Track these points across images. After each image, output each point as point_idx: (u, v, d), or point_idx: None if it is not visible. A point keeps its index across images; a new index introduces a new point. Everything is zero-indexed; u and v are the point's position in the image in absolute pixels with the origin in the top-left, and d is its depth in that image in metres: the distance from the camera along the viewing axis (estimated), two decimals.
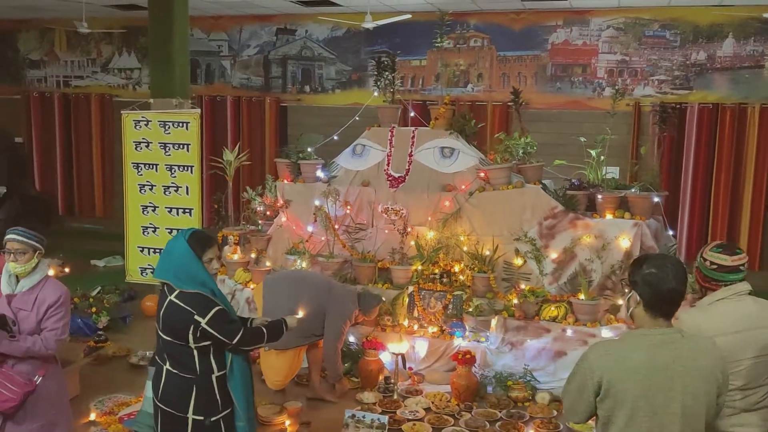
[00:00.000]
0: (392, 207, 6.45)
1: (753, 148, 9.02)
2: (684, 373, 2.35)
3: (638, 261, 2.50)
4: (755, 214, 9.06)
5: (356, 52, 10.77)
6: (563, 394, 2.62)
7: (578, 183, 6.12)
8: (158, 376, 3.29)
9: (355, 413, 4.78)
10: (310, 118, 10.93)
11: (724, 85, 9.21)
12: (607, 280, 5.85)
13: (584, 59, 9.77)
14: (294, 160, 6.91)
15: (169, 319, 3.23)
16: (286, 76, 11.12)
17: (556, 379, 5.55)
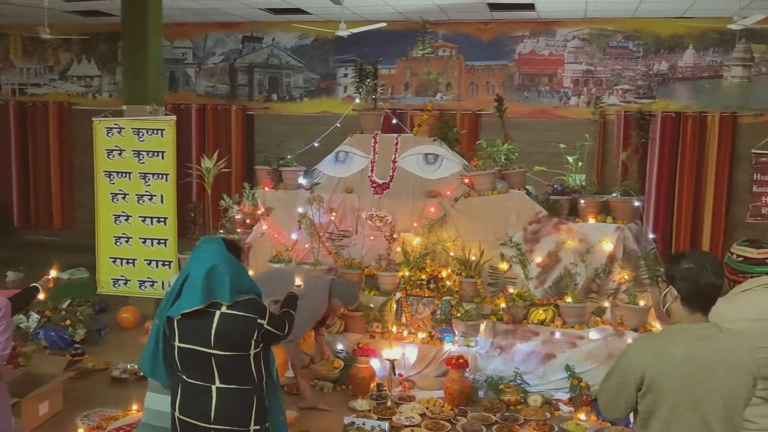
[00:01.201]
0: (377, 213, 6.45)
1: (714, 155, 9.35)
2: (723, 366, 2.41)
3: (675, 257, 2.56)
4: (716, 217, 9.38)
5: (324, 61, 10.76)
6: (599, 391, 2.65)
7: (561, 188, 6.23)
8: (204, 398, 3.07)
9: (354, 420, 4.74)
10: (277, 127, 10.86)
11: (686, 95, 9.54)
12: (591, 283, 5.96)
13: (551, 69, 9.98)
14: (275, 167, 6.83)
15: (227, 332, 3.05)
16: (253, 84, 11.03)
17: (545, 381, 5.62)
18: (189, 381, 3.09)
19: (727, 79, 9.40)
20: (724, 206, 9.38)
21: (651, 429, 2.45)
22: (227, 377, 3.07)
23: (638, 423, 2.52)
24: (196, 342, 3.04)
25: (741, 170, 9.33)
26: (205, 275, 3.03)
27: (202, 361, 3.06)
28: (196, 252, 3.16)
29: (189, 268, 3.12)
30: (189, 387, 3.08)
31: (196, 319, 3.04)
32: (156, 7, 7.27)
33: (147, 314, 7.11)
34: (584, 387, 5.47)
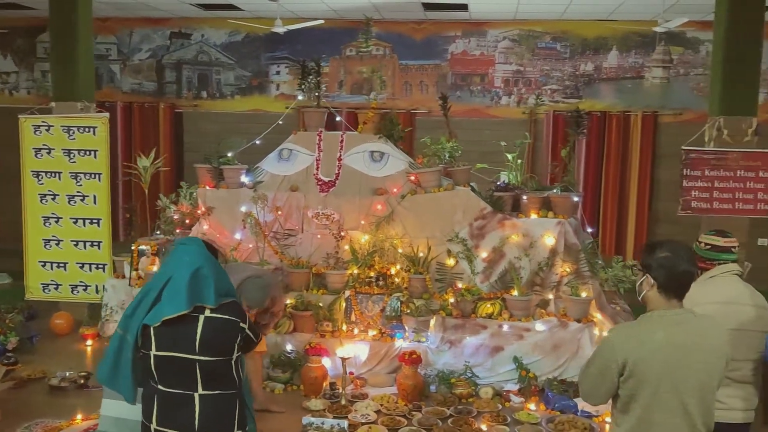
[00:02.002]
0: (323, 212, 6.41)
1: (637, 152, 9.78)
2: (699, 349, 2.53)
3: (650, 246, 2.68)
4: (640, 212, 9.83)
5: (256, 58, 10.61)
6: (581, 378, 2.73)
7: (504, 185, 6.37)
8: (186, 407, 2.95)
9: (313, 420, 4.70)
10: (207, 125, 10.64)
11: (610, 95, 9.94)
12: (535, 276, 6.12)
13: (482, 69, 10.18)
14: (216, 165, 6.68)
15: (212, 337, 2.95)
16: (182, 81, 10.75)
17: (494, 373, 5.74)
18: (168, 390, 2.96)
19: (648, 79, 9.86)
20: (647, 201, 9.84)
21: (632, 412, 2.55)
22: (211, 383, 2.97)
23: (618, 407, 2.61)
24: (178, 349, 2.92)
25: (662, 167, 9.82)
26: (190, 278, 2.93)
27: (184, 368, 2.95)
28: (178, 254, 3.05)
29: (170, 271, 3.00)
30: (168, 397, 2.96)
31: (178, 325, 2.92)
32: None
33: (81, 320, 6.81)
34: (532, 378, 5.62)
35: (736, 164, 6.07)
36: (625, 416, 2.58)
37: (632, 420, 2.54)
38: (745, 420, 3.44)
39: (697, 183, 6.14)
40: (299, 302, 5.99)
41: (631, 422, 2.54)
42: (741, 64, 6.07)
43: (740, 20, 6.03)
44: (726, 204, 6.13)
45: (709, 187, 6.13)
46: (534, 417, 5.17)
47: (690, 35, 9.62)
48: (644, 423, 2.52)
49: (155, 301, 2.95)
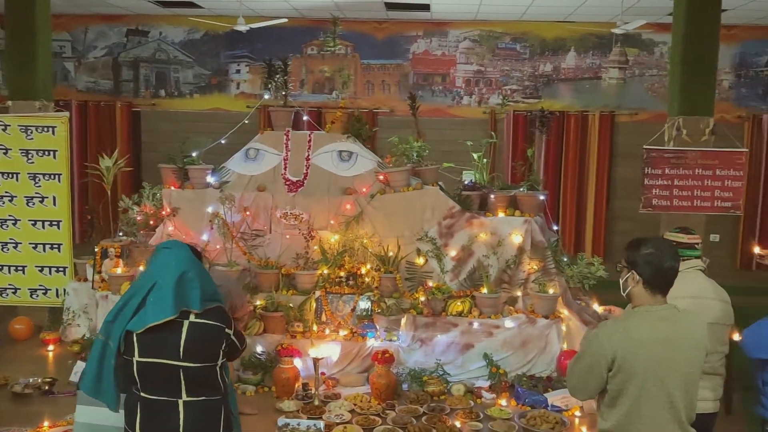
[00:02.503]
0: (292, 212, 6.37)
1: (595, 151, 10.01)
2: (682, 344, 2.62)
3: (635, 243, 2.75)
4: (598, 210, 10.06)
5: (216, 56, 10.48)
6: (569, 374, 2.79)
7: (472, 184, 6.44)
8: (170, 415, 2.91)
9: (288, 422, 4.68)
10: (166, 124, 10.48)
11: (568, 95, 10.14)
12: (503, 273, 6.20)
13: (443, 69, 10.27)
14: (181, 165, 6.57)
15: (197, 343, 2.91)
16: (139, 79, 10.55)
17: (465, 371, 5.80)
18: (151, 398, 2.91)
19: (605, 80, 10.09)
20: (605, 199, 10.07)
21: (620, 406, 2.62)
22: (195, 390, 2.94)
23: (606, 402, 2.68)
24: (162, 355, 2.87)
25: (619, 166, 10.06)
26: (176, 282, 2.89)
27: (168, 375, 2.90)
28: (162, 258, 2.99)
29: (155, 276, 2.94)
30: (151, 404, 2.91)
31: (162, 331, 2.87)
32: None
33: (41, 325, 6.64)
34: (502, 374, 5.70)
35: (694, 163, 6.27)
36: (613, 410, 2.64)
37: (620, 413, 2.61)
38: (714, 410, 3.57)
39: (657, 181, 6.31)
40: (269, 303, 5.94)
41: (619, 415, 2.61)
42: (699, 66, 6.26)
43: (698, 23, 6.22)
44: (685, 201, 6.33)
45: (669, 185, 6.31)
46: (506, 413, 5.24)
47: (645, 37, 9.88)
48: (632, 416, 2.59)
49: (139, 307, 2.89)
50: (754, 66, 9.86)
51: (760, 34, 9.73)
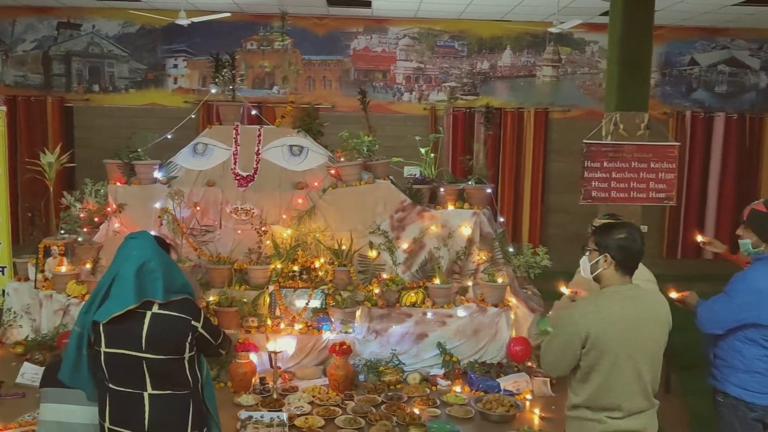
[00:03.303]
0: (242, 207, 6.35)
1: (530, 147, 10.33)
2: (648, 321, 2.81)
3: (607, 228, 2.91)
4: (534, 202, 10.39)
5: (152, 51, 10.26)
6: (543, 353, 2.93)
7: (422, 178, 6.57)
8: (136, 407, 2.88)
9: (252, 414, 4.69)
10: (100, 120, 10.20)
11: (505, 92, 10.42)
12: (453, 265, 6.37)
13: (384, 66, 10.38)
14: (127, 161, 6.44)
15: (160, 334, 2.86)
16: (71, 74, 10.21)
17: (420, 360, 5.94)
18: (117, 389, 2.87)
19: (539, 78, 10.42)
20: (540, 193, 10.41)
21: (592, 381, 2.78)
22: (160, 383, 2.90)
23: (578, 377, 2.84)
24: (125, 346, 2.84)
25: (553, 161, 10.42)
26: (136, 272, 2.86)
27: (132, 366, 2.87)
28: (126, 249, 2.96)
29: (117, 266, 2.91)
30: (118, 396, 2.88)
31: (125, 321, 2.85)
32: None
33: None
34: (456, 361, 5.86)
35: (630, 156, 6.55)
36: (585, 385, 2.80)
37: (592, 387, 2.77)
38: None
39: (596, 174, 6.55)
40: (222, 299, 5.91)
41: (591, 389, 2.78)
42: (634, 64, 6.55)
43: (633, 24, 6.52)
44: (622, 193, 6.60)
45: (608, 177, 6.57)
46: (461, 398, 5.41)
47: (577, 36, 10.26)
48: (603, 389, 2.76)
49: (104, 297, 2.87)
50: (678, 65, 10.40)
51: (685, 34, 10.27)
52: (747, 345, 3.41)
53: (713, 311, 3.43)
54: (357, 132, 6.69)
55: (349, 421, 4.91)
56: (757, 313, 3.34)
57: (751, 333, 3.38)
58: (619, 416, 2.77)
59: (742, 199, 10.36)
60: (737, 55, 10.44)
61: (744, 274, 3.49)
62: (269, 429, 4.59)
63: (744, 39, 10.40)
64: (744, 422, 3.44)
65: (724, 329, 3.43)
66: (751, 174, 10.38)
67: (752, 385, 3.41)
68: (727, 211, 10.29)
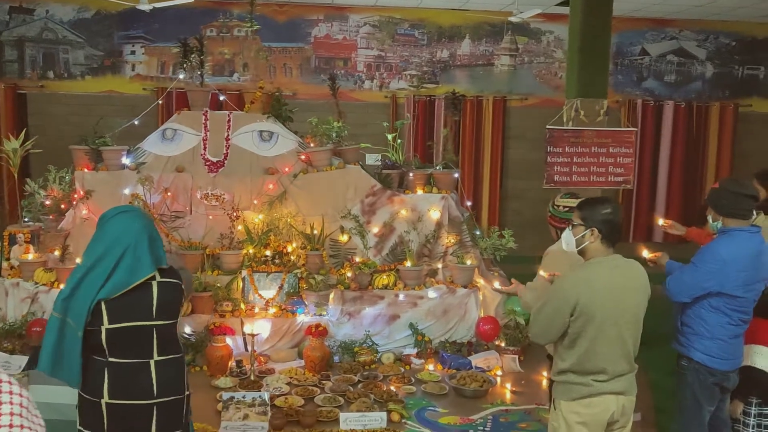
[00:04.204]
0: (212, 192, 6.37)
1: (489, 134, 10.54)
2: (631, 289, 2.99)
3: (592, 203, 3.07)
4: (493, 188, 10.61)
5: (108, 36, 10.07)
6: (533, 321, 3.09)
7: (391, 163, 6.69)
8: (142, 375, 2.93)
9: (234, 395, 4.74)
10: (56, 107, 9.97)
11: (464, 80, 10.60)
12: (423, 248, 6.52)
13: (345, 53, 10.43)
14: (94, 147, 6.37)
15: (166, 301, 2.95)
16: (24, 60, 9.95)
17: (392, 340, 6.08)
18: (121, 362, 2.90)
19: (497, 67, 10.63)
20: (499, 179, 10.65)
21: (579, 347, 2.96)
22: (164, 348, 2.99)
23: (565, 344, 3.00)
24: (134, 318, 2.89)
25: (512, 148, 10.66)
26: (149, 241, 2.94)
27: (141, 336, 2.93)
28: (127, 221, 2.96)
29: (125, 238, 2.91)
30: (121, 368, 2.90)
31: (132, 293, 2.88)
32: None
33: None
34: (427, 341, 6.03)
35: (591, 141, 6.82)
36: (571, 350, 2.97)
37: (579, 352, 2.95)
38: None
39: (558, 159, 6.80)
40: (196, 284, 5.92)
41: (578, 354, 2.95)
42: (593, 53, 6.81)
43: (593, 13, 6.76)
44: (583, 177, 6.87)
45: (569, 162, 6.83)
46: (435, 376, 5.58)
47: (534, 26, 10.50)
48: (589, 354, 2.93)
49: (110, 274, 2.87)
50: (629, 55, 10.74)
51: (636, 25, 10.61)
52: (711, 313, 3.64)
53: (681, 280, 3.65)
54: (321, 119, 6.74)
55: (329, 399, 5.02)
56: (720, 281, 3.57)
57: (715, 301, 3.61)
58: (604, 379, 2.95)
59: (690, 183, 10.83)
60: (685, 46, 10.85)
61: (709, 246, 3.73)
62: (251, 408, 4.66)
63: (691, 30, 10.82)
64: (703, 385, 3.68)
65: (691, 297, 3.66)
66: (698, 159, 10.82)
67: (715, 351, 3.65)
68: (677, 194, 10.71)
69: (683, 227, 4.97)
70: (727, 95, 10.93)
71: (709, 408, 3.67)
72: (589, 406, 2.96)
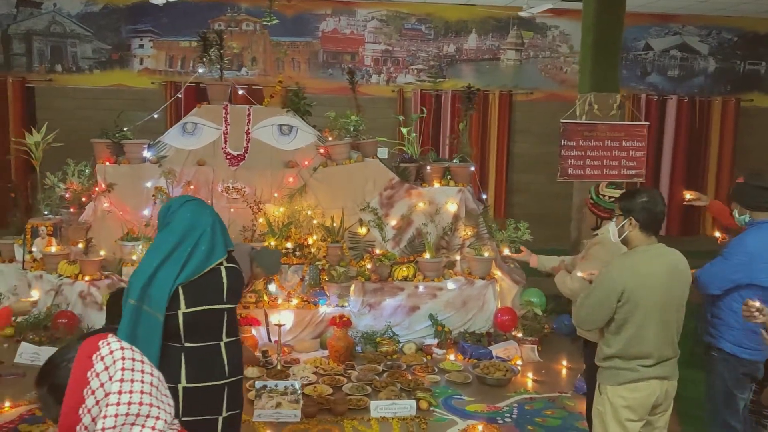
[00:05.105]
0: (233, 185, 6.43)
1: (495, 127, 10.64)
2: (674, 276, 3.09)
3: (630, 194, 3.18)
4: (499, 182, 10.71)
5: (116, 30, 10.09)
6: (579, 308, 3.19)
7: (408, 156, 6.77)
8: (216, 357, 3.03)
9: (266, 383, 4.82)
10: (64, 101, 9.98)
11: (470, 74, 10.68)
12: (440, 240, 6.61)
13: (352, 48, 10.49)
14: (116, 140, 6.42)
15: (234, 285, 3.08)
16: (32, 53, 9.95)
17: (412, 331, 6.18)
18: (196, 346, 2.99)
19: (503, 61, 10.73)
20: (505, 173, 10.76)
21: (625, 332, 3.06)
22: (230, 330, 3.11)
23: (611, 330, 3.10)
24: (208, 301, 2.99)
25: (517, 142, 10.76)
26: (220, 227, 3.07)
27: (214, 319, 3.04)
28: (197, 208, 3.07)
29: (199, 225, 2.99)
30: (196, 352, 2.99)
31: (205, 278, 2.99)
32: None
33: None
34: (447, 332, 6.13)
35: (604, 135, 6.92)
36: (618, 336, 3.07)
37: (625, 338, 3.05)
38: None
39: (572, 152, 6.90)
40: None
41: (624, 340, 3.05)
42: (606, 48, 6.92)
43: (606, 8, 6.86)
44: (596, 170, 6.97)
45: (583, 155, 6.93)
46: (457, 365, 5.68)
47: (539, 21, 10.60)
48: (635, 340, 3.04)
49: (186, 260, 2.96)
50: (634, 50, 10.86)
51: (640, 20, 10.72)
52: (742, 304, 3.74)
53: (711, 273, 3.74)
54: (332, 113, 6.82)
55: (356, 388, 5.12)
56: (750, 273, 3.67)
57: (745, 293, 3.69)
58: (650, 364, 3.06)
59: (692, 176, 10.98)
60: (688, 41, 10.98)
61: (738, 238, 3.83)
62: (284, 397, 4.75)
63: (694, 25, 10.95)
64: (734, 375, 3.77)
65: (721, 289, 3.75)
66: (700, 153, 10.97)
67: (745, 342, 3.73)
68: (679, 186, 10.83)
69: (707, 198, 5.14)
70: (729, 90, 11.08)
71: (742, 396, 3.76)
72: (635, 390, 3.07)
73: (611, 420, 3.11)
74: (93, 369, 1.61)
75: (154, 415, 1.63)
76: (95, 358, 1.62)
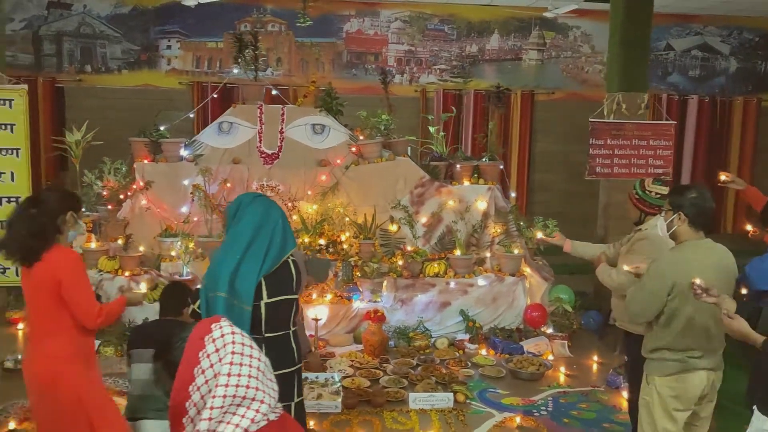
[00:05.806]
0: (268, 183, 6.56)
1: (517, 127, 10.72)
2: (722, 270, 3.18)
3: (680, 189, 3.27)
4: (520, 181, 10.80)
5: (145, 31, 10.24)
6: (630, 302, 3.28)
7: (438, 155, 6.88)
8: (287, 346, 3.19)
9: (307, 375, 4.95)
10: (93, 101, 10.13)
11: (492, 74, 10.78)
12: (470, 237, 6.72)
13: (376, 48, 10.61)
14: (154, 139, 6.56)
15: (299, 277, 3.23)
16: (62, 54, 10.12)
17: (443, 326, 6.30)
18: (273, 335, 3.11)
19: (525, 61, 10.82)
20: (526, 172, 10.85)
21: (675, 325, 3.16)
22: (296, 319, 3.26)
23: (661, 322, 3.20)
24: (283, 292, 3.13)
25: (539, 141, 10.85)
26: (284, 222, 3.19)
27: (286, 309, 3.17)
28: (265, 204, 3.20)
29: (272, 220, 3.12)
30: (273, 341, 3.11)
31: (279, 270, 3.12)
32: None
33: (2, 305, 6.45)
34: (478, 327, 6.23)
35: (631, 134, 7.01)
36: (668, 329, 3.17)
37: (675, 331, 3.15)
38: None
39: (600, 150, 6.98)
40: None
41: (674, 332, 3.15)
42: (635, 47, 7.01)
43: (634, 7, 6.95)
44: (624, 169, 7.06)
45: (611, 154, 7.02)
46: (490, 360, 5.79)
47: (561, 21, 10.68)
48: (686, 331, 3.14)
49: (266, 253, 3.07)
50: (655, 50, 10.91)
51: (661, 21, 10.77)
52: None
53: (761, 269, 3.83)
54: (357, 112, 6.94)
55: (393, 381, 5.23)
56: None
57: None
58: (698, 355, 3.16)
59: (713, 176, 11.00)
60: (709, 41, 11.04)
61: None
62: (324, 389, 4.87)
63: (715, 26, 11.00)
64: None
65: None
66: (721, 152, 11.02)
67: None
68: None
69: (743, 183, 5.20)
70: (750, 90, 11.13)
71: None
72: (683, 381, 3.17)
73: (659, 410, 3.21)
74: (205, 350, 1.72)
75: (259, 399, 1.73)
76: (207, 340, 1.73)
